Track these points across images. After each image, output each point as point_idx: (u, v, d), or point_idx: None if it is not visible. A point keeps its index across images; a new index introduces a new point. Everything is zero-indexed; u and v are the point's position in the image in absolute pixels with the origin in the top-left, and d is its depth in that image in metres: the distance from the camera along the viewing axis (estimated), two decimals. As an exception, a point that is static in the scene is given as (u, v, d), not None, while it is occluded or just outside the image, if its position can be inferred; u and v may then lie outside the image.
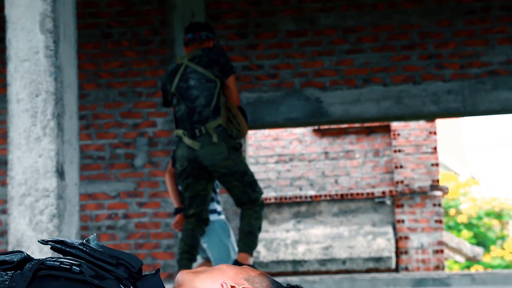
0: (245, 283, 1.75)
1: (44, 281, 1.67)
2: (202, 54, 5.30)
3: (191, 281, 1.78)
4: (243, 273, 1.79)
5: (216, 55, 5.30)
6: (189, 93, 5.25)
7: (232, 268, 1.80)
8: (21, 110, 4.13)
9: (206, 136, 5.12)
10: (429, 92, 7.43)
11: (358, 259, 10.95)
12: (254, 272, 1.81)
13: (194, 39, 5.44)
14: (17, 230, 4.04)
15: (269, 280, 1.79)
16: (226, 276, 1.77)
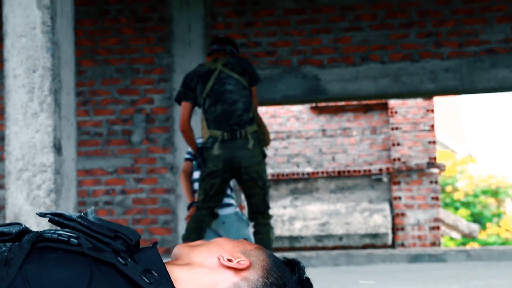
0: (241, 256, 1.76)
1: (42, 253, 1.68)
2: (234, 62, 5.49)
3: (188, 254, 1.80)
4: (240, 247, 1.80)
5: (246, 64, 5.52)
6: (227, 96, 5.37)
7: (229, 242, 1.81)
8: (18, 86, 4.12)
9: (245, 139, 5.21)
10: (427, 70, 7.43)
11: (354, 235, 11.00)
12: (251, 246, 1.82)
13: (218, 50, 5.64)
14: (15, 204, 4.06)
15: (266, 254, 1.80)
16: (223, 250, 1.78)
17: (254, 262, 1.75)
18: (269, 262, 1.77)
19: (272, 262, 1.78)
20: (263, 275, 1.74)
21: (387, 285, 3.90)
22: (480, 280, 4.17)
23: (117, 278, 1.63)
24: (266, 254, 1.80)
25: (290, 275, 1.77)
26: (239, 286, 1.72)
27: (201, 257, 1.76)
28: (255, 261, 1.75)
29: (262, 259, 1.77)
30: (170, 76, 7.72)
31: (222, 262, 1.74)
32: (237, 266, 1.73)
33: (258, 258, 1.77)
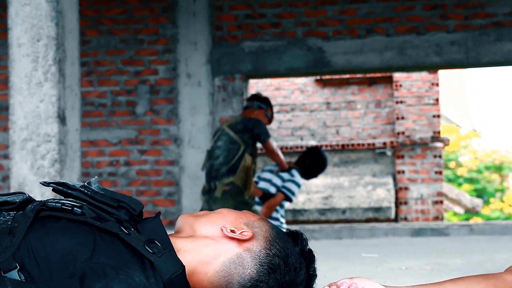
0: (244, 227, 1.76)
1: (46, 222, 1.69)
2: (239, 122, 6.24)
3: (192, 225, 1.80)
4: (243, 218, 1.80)
5: (251, 125, 6.22)
6: (215, 152, 6.19)
7: (232, 213, 1.81)
8: (22, 55, 4.11)
9: (215, 190, 6.02)
10: (432, 43, 7.39)
11: (357, 209, 11.02)
12: (254, 217, 1.82)
13: (247, 106, 6.44)
14: (19, 174, 4.06)
15: (269, 225, 1.80)
16: (226, 221, 1.78)
17: (257, 233, 1.75)
18: (272, 234, 1.77)
19: (275, 234, 1.78)
20: (266, 246, 1.74)
21: (390, 258, 3.91)
22: (483, 254, 4.18)
23: (120, 248, 1.64)
24: (269, 225, 1.80)
25: (293, 247, 1.78)
26: (242, 257, 1.72)
27: (204, 228, 1.76)
28: (258, 232, 1.75)
29: (265, 231, 1.77)
30: (174, 47, 7.69)
31: (225, 233, 1.74)
32: (240, 237, 1.73)
33: (261, 229, 1.77)
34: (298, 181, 6.91)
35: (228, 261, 1.72)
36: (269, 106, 6.47)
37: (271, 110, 6.49)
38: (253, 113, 6.40)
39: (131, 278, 1.54)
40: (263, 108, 6.40)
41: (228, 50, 7.60)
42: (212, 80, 7.57)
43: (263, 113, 6.43)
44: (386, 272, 3.13)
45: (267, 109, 6.45)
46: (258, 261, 1.73)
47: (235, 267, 1.71)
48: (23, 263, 1.58)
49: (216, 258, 1.73)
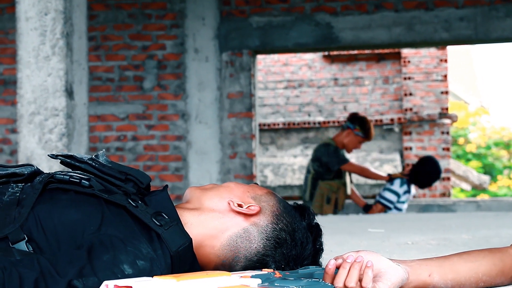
0: (252, 201, 1.77)
1: (54, 194, 1.70)
2: (315, 149, 6.77)
3: (199, 198, 1.80)
4: (250, 192, 1.80)
5: (320, 153, 6.64)
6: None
7: (240, 187, 1.82)
8: (30, 29, 4.11)
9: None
10: (441, 19, 7.35)
11: (364, 185, 11.02)
12: (261, 191, 1.83)
13: (342, 126, 6.89)
14: (27, 148, 4.08)
15: (276, 199, 1.81)
16: (233, 194, 1.78)
17: (264, 207, 1.76)
18: (279, 208, 1.78)
19: (282, 208, 1.78)
20: (273, 221, 1.75)
21: (396, 233, 3.92)
22: (489, 229, 4.18)
23: (128, 220, 1.65)
24: (277, 199, 1.80)
25: (300, 221, 1.78)
26: (249, 231, 1.73)
27: (211, 201, 1.77)
28: (265, 207, 1.76)
29: (272, 205, 1.78)
30: (182, 22, 7.67)
31: (232, 207, 1.75)
32: (247, 212, 1.74)
33: (268, 204, 1.77)
34: (397, 190, 6.84)
35: (235, 235, 1.73)
36: (357, 123, 6.67)
37: (359, 128, 6.68)
38: (342, 135, 6.75)
39: (138, 250, 1.55)
40: (350, 127, 6.64)
41: (236, 25, 7.58)
42: (219, 55, 7.56)
43: (351, 132, 6.68)
44: (392, 246, 3.14)
45: (355, 128, 6.66)
46: (265, 235, 1.74)
47: (242, 241, 1.72)
48: (31, 234, 1.59)
49: (223, 232, 1.74)
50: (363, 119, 6.80)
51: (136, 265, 1.52)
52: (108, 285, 1.30)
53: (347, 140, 6.75)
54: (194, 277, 1.34)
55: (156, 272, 1.54)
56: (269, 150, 12.07)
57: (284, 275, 1.56)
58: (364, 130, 6.72)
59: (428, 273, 1.60)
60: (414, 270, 1.59)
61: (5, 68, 7.92)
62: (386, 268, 1.55)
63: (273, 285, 1.43)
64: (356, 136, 6.72)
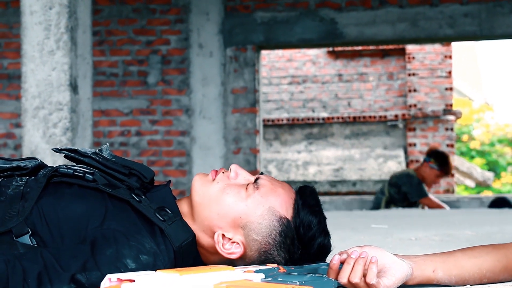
0: (238, 235, 1.67)
1: (57, 187, 1.70)
2: (397, 176, 6.95)
3: (196, 211, 1.77)
4: (243, 217, 1.72)
5: (401, 182, 6.81)
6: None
7: (234, 211, 1.71)
8: (34, 23, 4.11)
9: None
10: (446, 15, 7.33)
11: (368, 181, 11.03)
12: (258, 210, 1.74)
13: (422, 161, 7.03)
14: (31, 142, 4.08)
15: (274, 224, 1.69)
16: (224, 223, 1.70)
17: (249, 245, 1.67)
18: (270, 242, 1.67)
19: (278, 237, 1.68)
20: (259, 257, 1.69)
21: (399, 229, 3.92)
22: (492, 226, 4.18)
23: (131, 214, 1.65)
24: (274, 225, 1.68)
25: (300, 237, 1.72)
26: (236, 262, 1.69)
27: (203, 225, 1.71)
28: (252, 244, 1.67)
29: (261, 240, 1.66)
30: (186, 17, 7.66)
31: (217, 247, 1.70)
32: (228, 257, 1.70)
33: (257, 239, 1.67)
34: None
35: (219, 260, 1.72)
36: (432, 157, 6.83)
37: (434, 161, 6.82)
38: (421, 168, 6.90)
39: (141, 245, 1.55)
40: (426, 161, 6.84)
41: (240, 21, 7.57)
42: (224, 50, 7.55)
43: (427, 165, 6.84)
44: (395, 242, 3.14)
45: (429, 161, 6.82)
46: (252, 263, 1.70)
47: (227, 262, 1.71)
48: (35, 228, 1.59)
49: (207, 254, 1.73)
50: (439, 152, 6.97)
51: (139, 260, 1.52)
52: (111, 279, 1.30)
53: (425, 173, 6.90)
54: (197, 272, 1.34)
55: (159, 266, 1.54)
56: (273, 146, 12.07)
57: (288, 270, 1.56)
58: (439, 163, 6.87)
59: (432, 269, 1.60)
60: (418, 266, 1.59)
61: (9, 62, 7.93)
62: (390, 264, 1.55)
63: (277, 280, 1.42)
64: (432, 169, 6.86)
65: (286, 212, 1.68)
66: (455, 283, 1.62)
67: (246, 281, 1.39)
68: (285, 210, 1.68)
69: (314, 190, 1.75)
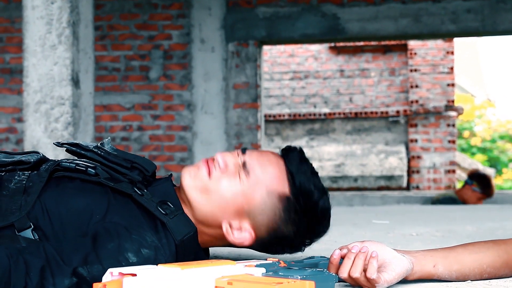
0: (245, 221, 1.71)
1: (60, 182, 1.70)
2: (440, 199, 7.14)
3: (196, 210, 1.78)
4: (245, 206, 1.72)
5: (444, 203, 6.99)
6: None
7: (235, 200, 1.73)
8: (36, 17, 4.11)
9: None
10: (448, 11, 7.32)
11: (369, 177, 11.03)
12: (260, 196, 1.75)
13: (464, 182, 7.29)
14: (33, 137, 4.08)
15: (275, 202, 1.71)
16: (228, 212, 1.72)
17: (258, 226, 1.70)
18: (277, 219, 1.71)
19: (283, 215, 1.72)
20: (270, 233, 1.72)
21: (400, 225, 3.92)
22: (494, 222, 4.18)
23: (133, 208, 1.65)
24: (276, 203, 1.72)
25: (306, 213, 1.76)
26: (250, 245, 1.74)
27: (206, 217, 1.73)
28: (260, 224, 1.70)
29: (268, 218, 1.70)
30: (188, 12, 7.66)
31: (228, 237, 1.73)
32: (240, 244, 1.73)
33: (263, 219, 1.70)
34: None
35: (231, 244, 1.75)
36: (475, 179, 7.07)
37: (476, 184, 7.05)
38: (463, 190, 7.13)
39: (143, 239, 1.55)
40: (468, 183, 7.07)
41: (242, 16, 7.57)
42: (225, 45, 7.55)
43: (469, 188, 7.08)
44: (396, 238, 3.14)
45: (472, 184, 7.05)
46: (263, 245, 1.76)
47: (239, 245, 1.75)
48: (37, 222, 1.59)
49: (216, 239, 1.75)
50: (481, 175, 7.18)
51: (141, 254, 1.53)
52: (113, 273, 1.30)
53: (467, 196, 7.11)
54: (199, 266, 1.34)
55: (161, 260, 1.54)
56: (274, 141, 12.07)
57: (289, 264, 1.56)
58: (482, 186, 7.09)
59: (432, 264, 1.60)
60: (418, 261, 1.59)
61: (11, 57, 7.93)
62: (391, 259, 1.55)
63: (278, 275, 1.43)
64: (474, 192, 7.08)
65: (283, 187, 1.70)
66: (456, 279, 1.63)
67: (247, 275, 1.39)
68: (282, 186, 1.71)
69: (298, 150, 1.77)
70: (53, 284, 1.41)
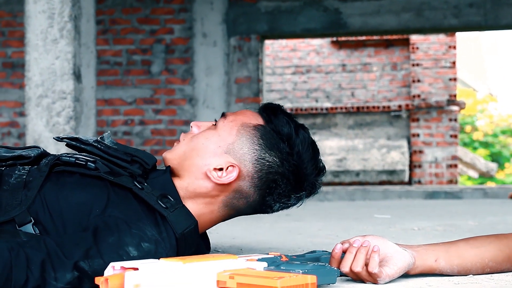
0: (228, 159, 1.72)
1: (60, 176, 1.70)
2: None
3: (179, 171, 1.80)
4: (221, 143, 1.74)
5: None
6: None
7: (210, 141, 1.75)
8: (38, 11, 4.10)
9: None
10: (451, 5, 7.31)
11: (371, 172, 11.02)
12: (231, 130, 1.77)
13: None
14: (35, 131, 4.08)
15: (249, 136, 1.73)
16: (208, 156, 1.74)
17: (241, 160, 1.71)
18: (257, 149, 1.71)
19: (261, 145, 1.71)
20: (256, 169, 1.71)
21: (402, 219, 3.92)
22: (495, 216, 4.18)
23: (133, 202, 1.65)
24: (250, 135, 1.73)
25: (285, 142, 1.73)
26: (239, 190, 1.74)
27: (191, 179, 1.75)
28: (243, 158, 1.71)
29: (247, 150, 1.71)
30: (190, 6, 7.65)
31: (213, 180, 1.73)
32: (228, 181, 1.73)
33: (244, 151, 1.71)
34: None
35: (228, 198, 1.74)
36: None
37: None
38: None
39: (143, 232, 1.55)
40: None
41: (244, 10, 7.56)
42: (227, 40, 7.54)
43: None
44: (398, 232, 3.14)
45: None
46: (257, 187, 1.73)
47: (237, 200, 1.74)
48: (38, 217, 1.59)
49: (214, 203, 1.74)
50: None
51: (141, 247, 1.53)
52: (115, 267, 1.30)
53: None
54: (201, 260, 1.34)
55: (161, 254, 1.54)
56: (276, 136, 12.05)
57: (291, 258, 1.56)
58: None
59: (434, 258, 1.60)
60: (420, 255, 1.59)
61: (13, 51, 7.93)
62: (392, 253, 1.55)
63: (279, 269, 1.43)
64: None
65: (257, 121, 1.74)
66: (457, 273, 1.63)
67: (249, 269, 1.39)
68: (256, 120, 1.74)
69: (277, 105, 1.79)
70: (55, 278, 1.41)
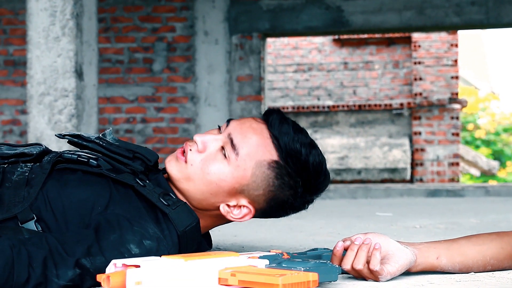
0: (241, 200, 1.74)
1: (62, 173, 1.70)
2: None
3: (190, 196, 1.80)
4: (236, 184, 1.72)
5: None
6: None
7: (227, 180, 1.75)
8: (40, 9, 4.10)
9: None
10: (453, 3, 7.30)
11: (373, 170, 11.02)
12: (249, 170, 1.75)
13: None
14: (36, 129, 4.09)
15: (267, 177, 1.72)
16: (222, 194, 1.75)
17: (255, 200, 1.72)
18: (271, 189, 1.72)
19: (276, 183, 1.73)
20: (269, 203, 1.74)
21: (404, 217, 3.92)
22: (497, 214, 4.18)
23: (135, 200, 1.65)
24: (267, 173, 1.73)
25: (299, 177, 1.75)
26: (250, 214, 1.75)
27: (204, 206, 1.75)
28: (256, 198, 1.71)
29: (263, 191, 1.71)
30: (192, 4, 7.65)
31: (227, 216, 1.75)
32: (241, 221, 1.76)
33: (258, 192, 1.70)
34: None
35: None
36: None
37: None
38: None
39: (144, 230, 1.55)
40: None
41: (246, 8, 7.55)
42: (229, 38, 7.54)
43: None
44: (400, 230, 3.14)
45: None
46: (266, 213, 1.77)
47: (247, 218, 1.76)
48: (40, 214, 1.60)
49: (220, 220, 1.77)
50: None
51: (143, 245, 1.53)
52: (116, 264, 1.31)
53: None
54: (202, 257, 1.34)
55: (163, 251, 1.54)
56: (278, 134, 12.05)
57: (292, 256, 1.56)
58: None
59: (436, 256, 1.60)
60: (422, 253, 1.59)
61: (15, 49, 7.93)
62: (394, 251, 1.55)
63: (281, 266, 1.43)
64: None
65: (271, 154, 1.69)
66: (459, 270, 1.63)
67: (250, 267, 1.39)
68: (269, 153, 1.69)
69: (278, 111, 1.76)
70: (57, 276, 1.41)
